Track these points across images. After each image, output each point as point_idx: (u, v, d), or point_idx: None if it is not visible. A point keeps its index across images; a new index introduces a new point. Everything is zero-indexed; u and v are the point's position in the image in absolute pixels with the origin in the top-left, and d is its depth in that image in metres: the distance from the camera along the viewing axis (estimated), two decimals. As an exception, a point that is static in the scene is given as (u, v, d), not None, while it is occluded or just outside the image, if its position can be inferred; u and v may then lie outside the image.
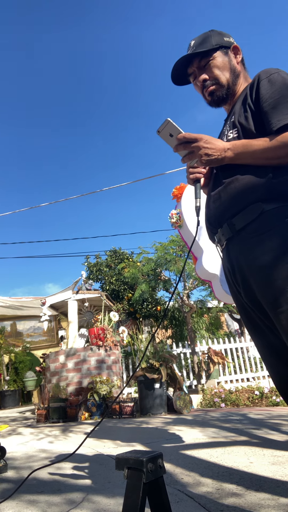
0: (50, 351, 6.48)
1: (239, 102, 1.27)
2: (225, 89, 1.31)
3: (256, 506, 1.31)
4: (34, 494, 1.59)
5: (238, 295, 1.26)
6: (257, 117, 1.18)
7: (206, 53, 1.30)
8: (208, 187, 1.36)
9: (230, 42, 1.33)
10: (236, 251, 1.20)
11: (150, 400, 4.74)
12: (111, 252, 10.69)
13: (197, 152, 1.15)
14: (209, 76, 1.31)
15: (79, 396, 5.01)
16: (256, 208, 1.14)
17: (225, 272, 1.32)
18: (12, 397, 8.06)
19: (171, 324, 9.89)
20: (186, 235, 3.29)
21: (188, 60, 1.33)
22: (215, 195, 1.26)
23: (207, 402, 5.78)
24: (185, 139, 1.15)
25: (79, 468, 2.02)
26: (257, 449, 2.20)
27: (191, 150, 1.16)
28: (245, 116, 1.21)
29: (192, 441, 2.61)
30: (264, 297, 1.12)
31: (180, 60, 1.33)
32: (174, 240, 7.45)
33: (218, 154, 1.15)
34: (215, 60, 1.30)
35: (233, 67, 1.32)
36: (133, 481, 0.77)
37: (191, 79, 1.37)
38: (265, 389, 5.78)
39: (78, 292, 6.38)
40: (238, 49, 1.34)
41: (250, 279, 1.16)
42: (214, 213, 1.27)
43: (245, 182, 1.16)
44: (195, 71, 1.33)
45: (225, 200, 1.21)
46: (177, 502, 1.41)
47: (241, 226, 1.17)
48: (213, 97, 1.33)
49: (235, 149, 1.15)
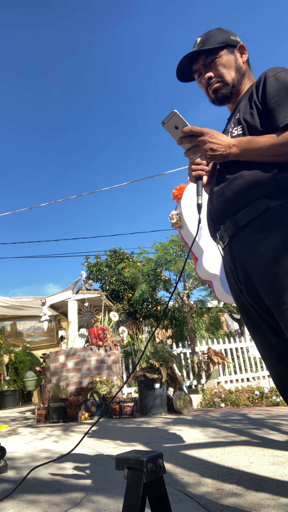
0: (50, 351, 6.48)
1: (244, 100, 1.27)
2: (230, 88, 1.30)
3: (256, 506, 1.31)
4: (35, 494, 1.59)
5: (239, 293, 1.25)
6: (263, 114, 1.18)
7: (212, 50, 1.29)
8: (211, 184, 1.35)
9: (236, 41, 1.32)
10: (239, 247, 1.19)
11: (150, 400, 4.74)
12: (111, 252, 10.68)
13: (202, 146, 1.14)
14: (214, 73, 1.30)
15: (79, 396, 5.01)
16: (261, 205, 1.13)
17: (226, 269, 1.31)
18: (12, 397, 8.06)
19: (171, 324, 9.89)
20: (186, 235, 3.29)
21: (193, 57, 1.32)
22: (218, 191, 1.24)
23: (207, 402, 5.78)
24: (191, 132, 1.13)
25: (79, 468, 2.02)
26: (257, 449, 2.20)
27: (196, 144, 1.15)
28: (250, 113, 1.21)
29: (192, 441, 2.61)
30: (267, 294, 1.11)
31: (186, 57, 1.31)
32: (174, 240, 7.45)
33: (223, 150, 1.14)
34: (221, 58, 1.29)
35: (239, 66, 1.31)
36: (133, 481, 0.77)
37: (195, 76, 1.36)
38: (265, 389, 5.78)
39: (78, 292, 6.38)
40: (245, 49, 1.33)
41: (253, 276, 1.15)
42: (217, 210, 1.25)
43: (250, 179, 1.15)
44: (200, 68, 1.32)
45: (228, 196, 1.20)
46: (177, 502, 1.41)
47: (245, 223, 1.16)
48: (217, 95, 1.32)
49: (241, 145, 1.14)
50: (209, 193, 1.36)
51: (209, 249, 3.02)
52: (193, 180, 1.30)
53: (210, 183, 1.37)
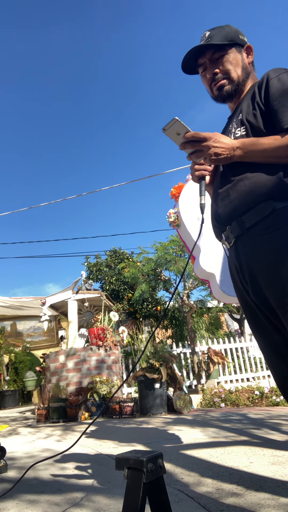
0: (50, 351, 6.47)
1: (246, 100, 1.26)
2: (235, 85, 1.30)
3: (256, 506, 1.31)
4: (35, 494, 1.59)
5: (244, 293, 1.25)
6: (266, 116, 1.18)
7: (221, 46, 1.28)
8: (214, 184, 1.35)
9: (244, 41, 1.32)
10: (245, 248, 1.19)
11: (150, 400, 4.74)
12: (111, 252, 10.68)
13: (206, 151, 1.14)
14: (221, 70, 1.29)
15: (79, 396, 5.01)
16: (267, 206, 1.13)
17: (231, 270, 1.31)
18: (12, 397, 8.06)
19: (171, 324, 9.89)
20: (184, 234, 3.28)
21: (200, 51, 1.30)
22: (223, 192, 1.24)
23: (207, 402, 5.78)
24: (194, 138, 1.13)
25: (79, 468, 2.02)
26: (257, 449, 2.20)
27: (200, 149, 1.14)
28: (253, 114, 1.21)
29: (192, 441, 2.61)
30: (272, 294, 1.11)
31: (193, 49, 1.30)
32: (174, 240, 7.44)
33: (227, 153, 1.13)
34: (229, 55, 1.28)
35: (245, 65, 1.31)
36: (133, 481, 0.77)
37: (200, 69, 1.35)
38: (265, 389, 5.77)
39: (78, 292, 6.38)
40: (251, 50, 1.33)
41: (259, 276, 1.15)
42: (223, 211, 1.25)
43: (255, 180, 1.15)
44: (206, 63, 1.31)
45: (234, 198, 1.20)
46: (177, 502, 1.41)
47: (251, 224, 1.16)
48: (221, 92, 1.31)
49: (244, 147, 1.14)
50: (212, 194, 1.36)
51: (206, 248, 3.01)
52: (196, 180, 1.29)
53: (213, 183, 1.37)
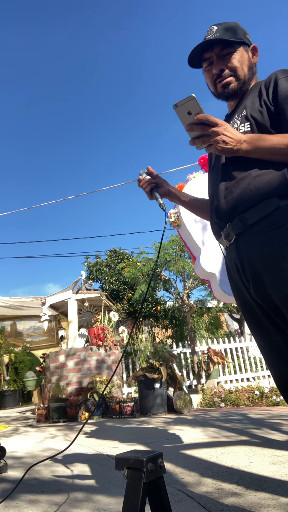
0: (50, 351, 6.47)
1: (250, 98, 1.25)
2: (241, 84, 1.28)
3: (256, 506, 1.31)
4: (35, 494, 1.59)
5: (244, 292, 1.23)
6: (274, 115, 1.17)
7: (231, 43, 1.26)
8: (212, 179, 1.33)
9: (250, 41, 1.32)
10: (247, 246, 1.18)
11: (150, 400, 4.74)
12: (111, 252, 10.68)
13: (214, 137, 1.10)
14: (228, 67, 1.27)
15: (79, 396, 5.01)
16: (271, 203, 1.12)
17: (229, 268, 1.29)
18: (12, 397, 8.06)
19: (171, 324, 9.89)
20: (184, 234, 3.29)
21: (208, 45, 1.27)
22: (226, 189, 1.22)
23: (207, 402, 5.78)
24: (206, 121, 1.10)
25: (79, 468, 2.02)
26: (257, 449, 2.20)
27: (208, 133, 1.11)
28: (259, 110, 1.20)
29: (192, 441, 2.61)
30: (277, 292, 1.10)
31: (201, 43, 1.27)
32: (174, 240, 7.44)
33: (234, 144, 1.11)
34: (237, 53, 1.27)
35: (251, 65, 1.30)
36: (133, 481, 0.77)
37: (204, 64, 1.32)
38: (265, 389, 5.78)
39: (78, 292, 6.38)
40: (257, 51, 1.33)
41: (262, 274, 1.14)
42: (224, 207, 1.23)
43: (259, 178, 1.14)
44: (213, 57, 1.28)
45: (237, 194, 1.18)
46: (177, 501, 1.41)
47: (254, 221, 1.15)
48: (226, 89, 1.29)
49: (252, 141, 1.12)
50: (212, 189, 1.33)
51: (206, 247, 3.02)
52: (150, 196, 1.37)
53: (211, 178, 1.35)
